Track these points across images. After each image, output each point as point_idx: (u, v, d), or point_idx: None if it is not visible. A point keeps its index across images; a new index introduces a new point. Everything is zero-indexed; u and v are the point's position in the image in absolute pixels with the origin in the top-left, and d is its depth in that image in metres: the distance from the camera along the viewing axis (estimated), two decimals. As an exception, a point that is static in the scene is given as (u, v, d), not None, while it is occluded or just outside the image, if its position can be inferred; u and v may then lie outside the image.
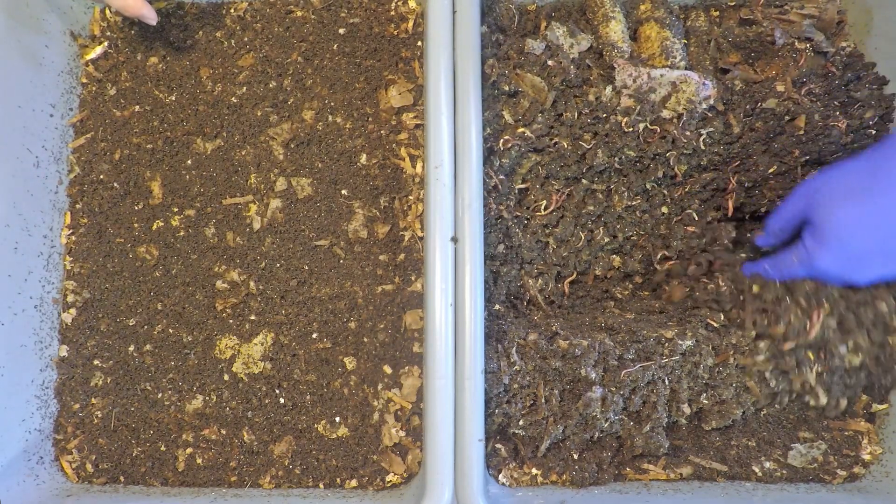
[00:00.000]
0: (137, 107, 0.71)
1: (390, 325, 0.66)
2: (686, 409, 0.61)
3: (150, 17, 0.62)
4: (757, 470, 0.62)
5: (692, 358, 0.60)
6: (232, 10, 0.72)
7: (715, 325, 0.61)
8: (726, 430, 0.64)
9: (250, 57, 0.71)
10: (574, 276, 0.69)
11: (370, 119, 0.69)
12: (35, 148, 0.68)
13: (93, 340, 0.68)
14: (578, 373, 0.60)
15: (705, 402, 0.61)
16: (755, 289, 0.61)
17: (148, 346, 0.67)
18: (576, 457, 0.62)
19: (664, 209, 0.69)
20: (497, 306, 0.64)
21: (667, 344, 0.60)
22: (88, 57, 0.72)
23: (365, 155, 0.69)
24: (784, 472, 0.62)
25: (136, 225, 0.69)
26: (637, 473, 0.64)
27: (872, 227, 0.52)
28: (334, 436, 0.65)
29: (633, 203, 0.68)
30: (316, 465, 0.64)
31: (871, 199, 0.52)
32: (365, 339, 0.66)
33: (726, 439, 0.64)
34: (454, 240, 0.58)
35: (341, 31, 0.71)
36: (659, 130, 0.63)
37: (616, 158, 0.65)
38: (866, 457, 0.62)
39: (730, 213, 0.67)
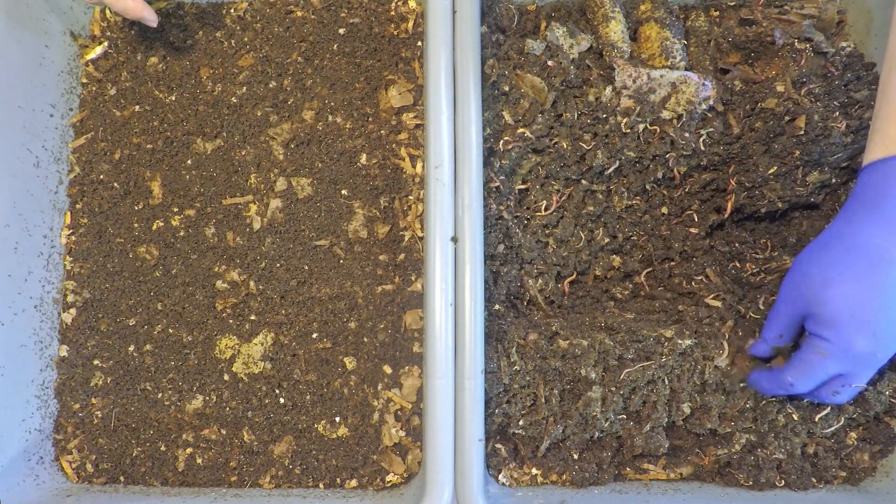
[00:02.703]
0: (137, 107, 0.71)
1: (390, 325, 0.66)
2: (686, 408, 0.61)
3: (151, 18, 0.62)
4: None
5: (692, 357, 0.60)
6: (232, 10, 0.72)
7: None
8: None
9: (250, 57, 0.71)
10: (574, 276, 0.69)
11: (370, 119, 0.69)
12: (35, 148, 0.68)
13: (93, 340, 0.68)
14: (578, 373, 0.60)
15: (704, 401, 0.61)
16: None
17: (148, 346, 0.67)
18: (576, 457, 0.62)
19: (664, 209, 0.69)
20: (497, 306, 0.64)
21: (666, 343, 0.60)
22: (88, 57, 0.72)
23: (365, 155, 0.69)
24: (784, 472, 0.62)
25: (136, 225, 0.69)
26: (637, 473, 0.64)
27: (874, 298, 0.51)
28: (334, 436, 0.65)
29: (633, 203, 0.69)
30: (316, 465, 0.64)
31: (860, 272, 0.51)
32: (365, 339, 0.66)
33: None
34: (454, 240, 0.59)
35: (341, 31, 0.71)
36: (659, 131, 0.63)
37: (616, 159, 0.65)
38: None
39: (727, 214, 0.67)
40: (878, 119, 0.54)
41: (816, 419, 0.61)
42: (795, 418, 0.61)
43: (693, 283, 0.67)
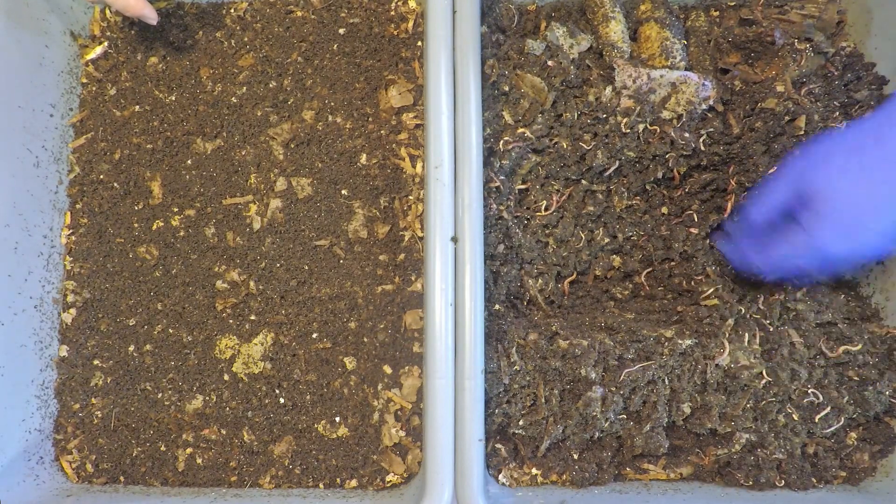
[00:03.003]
0: (137, 107, 0.71)
1: (390, 325, 0.66)
2: (686, 408, 0.61)
3: (151, 16, 0.62)
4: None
5: (692, 357, 0.60)
6: (232, 10, 0.72)
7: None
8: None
9: (250, 57, 0.71)
10: (574, 276, 0.69)
11: (370, 119, 0.69)
12: (35, 148, 0.68)
13: (93, 340, 0.68)
14: (578, 373, 0.60)
15: (705, 400, 0.61)
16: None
17: (148, 346, 0.67)
18: (576, 457, 0.62)
19: (664, 209, 0.69)
20: (497, 306, 0.64)
21: (667, 344, 0.60)
22: (88, 57, 0.72)
23: (365, 155, 0.69)
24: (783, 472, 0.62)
25: (136, 225, 0.69)
26: (637, 473, 0.64)
27: (884, 192, 0.49)
28: (334, 436, 0.65)
29: (633, 204, 0.69)
30: (316, 465, 0.64)
31: (875, 172, 0.49)
32: (365, 339, 0.66)
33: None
34: (454, 240, 0.59)
35: (341, 31, 0.71)
36: (658, 131, 0.63)
37: (616, 159, 0.65)
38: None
39: (727, 214, 0.67)
40: None
41: (816, 419, 0.61)
42: (795, 418, 0.61)
43: (693, 283, 0.67)
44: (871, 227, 0.50)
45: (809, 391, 0.60)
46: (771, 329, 0.60)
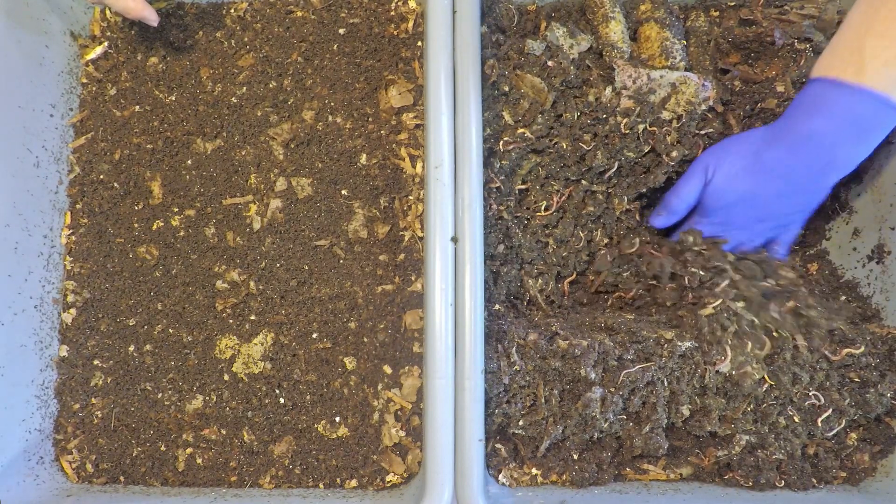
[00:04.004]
0: (137, 107, 0.71)
1: (390, 325, 0.66)
2: (685, 410, 0.61)
3: (152, 18, 0.62)
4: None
5: (692, 359, 0.60)
6: (232, 10, 0.72)
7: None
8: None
9: (250, 57, 0.71)
10: (574, 276, 0.69)
11: (370, 119, 0.69)
12: (35, 148, 0.68)
13: (93, 340, 0.68)
14: (578, 373, 0.60)
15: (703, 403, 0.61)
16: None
17: (148, 346, 0.67)
18: (576, 457, 0.62)
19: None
20: (497, 306, 0.64)
21: (666, 345, 0.60)
22: (88, 57, 0.72)
23: (365, 155, 0.69)
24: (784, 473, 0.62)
25: (136, 225, 0.69)
26: (637, 473, 0.64)
27: (750, 200, 0.62)
28: (334, 436, 0.65)
29: (633, 206, 0.69)
30: (316, 465, 0.64)
31: (752, 177, 0.61)
32: (365, 339, 0.66)
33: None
34: (454, 240, 0.59)
35: (341, 31, 0.71)
36: (658, 132, 0.63)
37: (616, 160, 0.65)
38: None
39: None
40: (835, 36, 0.59)
41: (819, 422, 0.60)
42: (797, 420, 0.60)
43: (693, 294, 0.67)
44: (735, 222, 0.64)
45: (811, 394, 0.60)
46: (776, 335, 0.60)
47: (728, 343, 0.60)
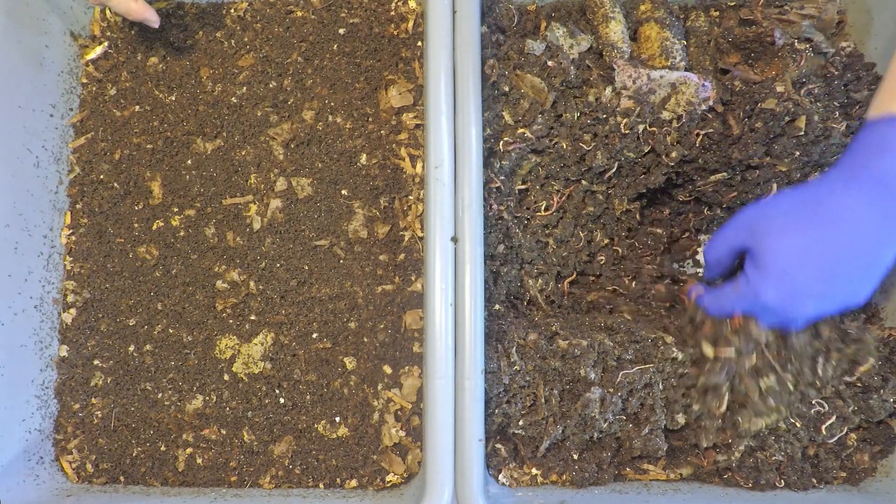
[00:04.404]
0: (137, 107, 0.71)
1: (390, 325, 0.66)
2: (681, 419, 0.60)
3: (154, 20, 0.63)
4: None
5: (689, 371, 0.60)
6: (232, 10, 0.72)
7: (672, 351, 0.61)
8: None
9: (250, 57, 0.71)
10: (574, 276, 0.69)
11: (370, 119, 0.69)
12: (35, 148, 0.68)
13: (93, 340, 0.68)
14: (578, 373, 0.60)
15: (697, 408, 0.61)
16: (698, 318, 0.61)
17: (148, 346, 0.67)
18: (576, 457, 0.62)
19: (667, 211, 0.69)
20: (497, 306, 0.64)
21: (663, 348, 0.60)
22: (88, 57, 0.72)
23: (365, 155, 0.69)
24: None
25: (136, 225, 0.69)
26: (637, 473, 0.64)
27: (815, 260, 0.50)
28: (334, 436, 0.65)
29: (633, 206, 0.69)
30: (316, 465, 0.64)
31: (813, 231, 0.50)
32: (365, 339, 0.66)
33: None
34: (454, 240, 0.59)
35: (341, 31, 0.71)
36: (658, 132, 0.63)
37: (616, 160, 0.65)
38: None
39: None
40: (886, 74, 0.52)
41: (823, 429, 0.60)
42: (798, 426, 0.60)
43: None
44: (802, 290, 0.51)
45: (814, 401, 0.60)
46: (783, 354, 0.60)
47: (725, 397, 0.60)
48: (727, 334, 0.58)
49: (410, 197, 0.67)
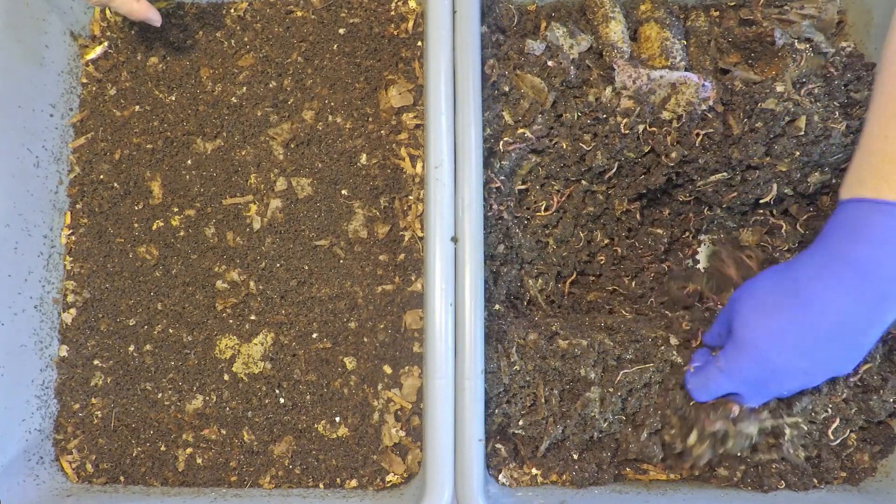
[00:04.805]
0: (137, 107, 0.71)
1: (390, 325, 0.66)
2: (674, 433, 0.60)
3: (156, 19, 0.63)
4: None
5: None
6: (232, 10, 0.72)
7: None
8: None
9: (250, 57, 0.71)
10: (574, 276, 0.69)
11: (370, 119, 0.69)
12: (35, 148, 0.68)
13: (93, 340, 0.68)
14: (578, 373, 0.60)
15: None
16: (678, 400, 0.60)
17: (148, 346, 0.67)
18: (576, 457, 0.62)
19: (665, 211, 0.69)
20: (497, 306, 0.64)
21: (663, 346, 0.60)
22: (88, 57, 0.72)
23: (365, 155, 0.69)
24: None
25: (136, 225, 0.69)
26: (637, 474, 0.64)
27: (793, 341, 0.50)
28: (334, 436, 0.65)
29: (633, 206, 0.69)
30: (316, 465, 0.64)
31: (790, 314, 0.50)
32: (365, 339, 0.66)
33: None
34: (454, 240, 0.59)
35: (341, 31, 0.71)
36: (658, 132, 0.63)
37: (616, 160, 0.65)
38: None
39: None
40: (857, 151, 0.51)
41: (829, 433, 0.60)
42: (805, 429, 0.60)
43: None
44: (782, 368, 0.52)
45: (820, 411, 0.60)
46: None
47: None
48: (711, 422, 0.57)
49: (410, 197, 0.67)
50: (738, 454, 0.60)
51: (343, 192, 0.68)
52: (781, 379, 0.52)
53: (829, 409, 0.60)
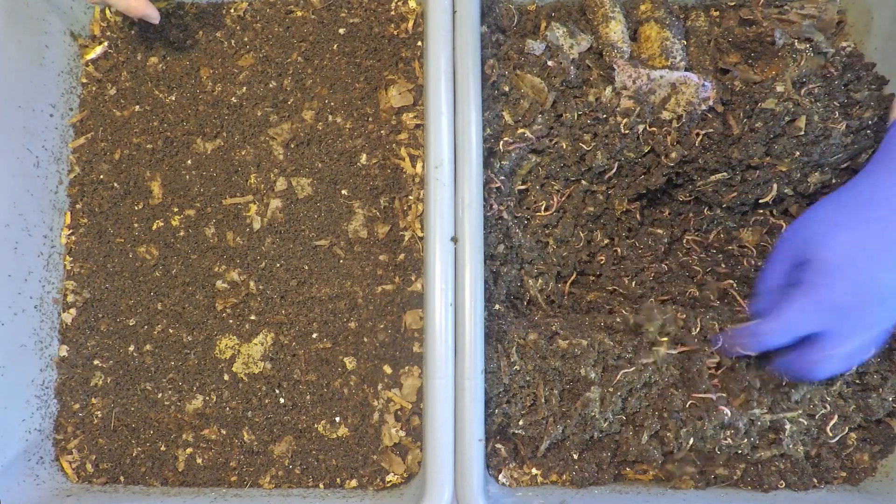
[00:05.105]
0: (137, 107, 0.71)
1: (390, 325, 0.66)
2: (683, 439, 0.60)
3: (154, 16, 0.62)
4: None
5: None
6: (232, 10, 0.72)
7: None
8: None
9: (250, 57, 0.71)
10: (574, 276, 0.69)
11: (370, 119, 0.69)
12: (35, 148, 0.68)
13: (93, 340, 0.68)
14: (578, 372, 0.60)
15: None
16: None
17: (148, 346, 0.67)
18: (576, 457, 0.62)
19: (666, 211, 0.69)
20: (497, 306, 0.64)
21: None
22: (88, 57, 0.72)
23: (365, 155, 0.69)
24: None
25: (136, 225, 0.69)
26: (637, 474, 0.63)
27: (880, 249, 0.47)
28: (334, 436, 0.65)
29: (633, 206, 0.68)
30: (316, 465, 0.64)
31: (868, 224, 0.48)
32: (365, 339, 0.66)
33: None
34: (454, 240, 0.59)
35: (341, 31, 0.71)
36: (658, 132, 0.63)
37: (616, 160, 0.65)
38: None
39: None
40: None
41: (828, 430, 0.60)
42: (805, 423, 0.60)
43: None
44: (869, 282, 0.48)
45: (817, 405, 0.60)
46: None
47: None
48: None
49: (410, 197, 0.67)
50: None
51: (343, 192, 0.68)
52: (877, 298, 0.48)
53: (828, 406, 0.60)
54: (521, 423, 0.61)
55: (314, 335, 0.66)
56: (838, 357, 0.52)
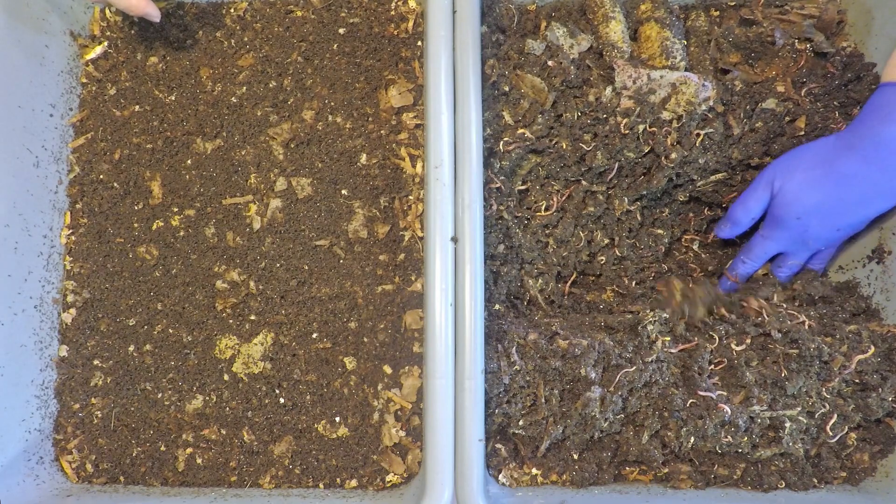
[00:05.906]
0: (137, 107, 0.71)
1: (390, 325, 0.66)
2: (673, 433, 0.60)
3: (154, 14, 0.62)
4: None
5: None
6: (232, 10, 0.72)
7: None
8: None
9: (250, 57, 0.71)
10: (574, 276, 0.69)
11: (370, 119, 0.69)
12: (35, 148, 0.68)
13: (93, 340, 0.68)
14: (578, 372, 0.60)
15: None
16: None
17: (148, 346, 0.67)
18: (576, 457, 0.62)
19: (665, 211, 0.69)
20: (497, 306, 0.64)
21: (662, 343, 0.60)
22: (88, 57, 0.72)
23: (365, 155, 0.69)
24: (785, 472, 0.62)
25: (136, 225, 0.69)
26: (637, 474, 0.63)
27: (828, 212, 0.60)
28: (334, 436, 0.65)
29: (633, 206, 0.68)
30: (316, 465, 0.64)
31: (826, 191, 0.60)
32: (365, 339, 0.66)
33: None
34: (454, 240, 0.58)
35: (341, 30, 0.71)
36: (658, 132, 0.63)
37: (616, 160, 0.65)
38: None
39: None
40: None
41: (828, 429, 0.60)
42: (804, 421, 0.60)
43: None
44: (818, 232, 0.62)
45: (816, 403, 0.60)
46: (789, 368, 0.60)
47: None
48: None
49: (410, 197, 0.67)
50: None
51: (343, 191, 0.68)
52: (819, 239, 0.63)
53: (827, 405, 0.60)
54: (521, 423, 0.61)
55: (314, 335, 0.66)
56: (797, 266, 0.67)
